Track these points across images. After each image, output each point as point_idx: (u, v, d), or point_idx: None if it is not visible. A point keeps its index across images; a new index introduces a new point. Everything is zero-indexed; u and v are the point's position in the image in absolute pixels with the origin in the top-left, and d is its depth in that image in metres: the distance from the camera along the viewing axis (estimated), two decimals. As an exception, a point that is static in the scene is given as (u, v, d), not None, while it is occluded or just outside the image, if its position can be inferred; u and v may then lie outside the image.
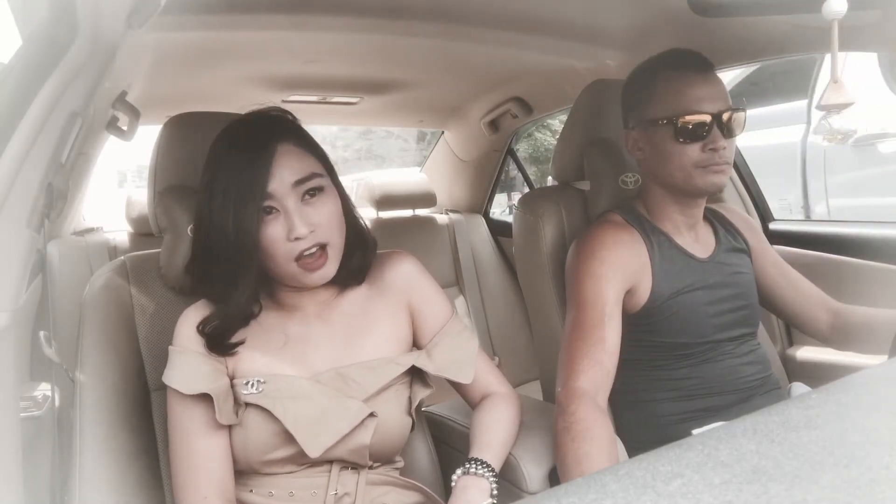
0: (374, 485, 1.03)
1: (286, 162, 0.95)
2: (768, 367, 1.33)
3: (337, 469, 0.99)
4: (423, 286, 1.12)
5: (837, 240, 1.73)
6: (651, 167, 1.29)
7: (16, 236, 0.87)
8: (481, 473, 1.01)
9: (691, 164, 1.21)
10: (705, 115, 1.19)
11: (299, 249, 0.93)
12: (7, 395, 0.89)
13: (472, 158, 2.88)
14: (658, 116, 1.23)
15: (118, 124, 1.62)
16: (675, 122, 1.20)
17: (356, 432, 0.97)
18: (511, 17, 1.58)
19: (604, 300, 1.19)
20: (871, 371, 0.51)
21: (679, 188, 1.25)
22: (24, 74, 0.84)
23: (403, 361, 1.05)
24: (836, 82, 0.95)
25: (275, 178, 0.93)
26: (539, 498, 0.36)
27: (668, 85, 1.23)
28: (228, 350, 0.99)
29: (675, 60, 1.25)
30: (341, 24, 1.53)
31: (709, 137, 1.19)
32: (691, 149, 1.20)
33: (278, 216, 0.94)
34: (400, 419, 1.04)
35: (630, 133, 1.31)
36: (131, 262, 1.17)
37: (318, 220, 0.95)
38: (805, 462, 0.34)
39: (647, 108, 1.26)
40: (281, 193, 0.93)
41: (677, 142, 1.20)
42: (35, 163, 0.86)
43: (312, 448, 0.93)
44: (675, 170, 1.22)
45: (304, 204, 0.95)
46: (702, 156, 1.20)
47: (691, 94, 1.20)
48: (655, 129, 1.24)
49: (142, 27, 0.96)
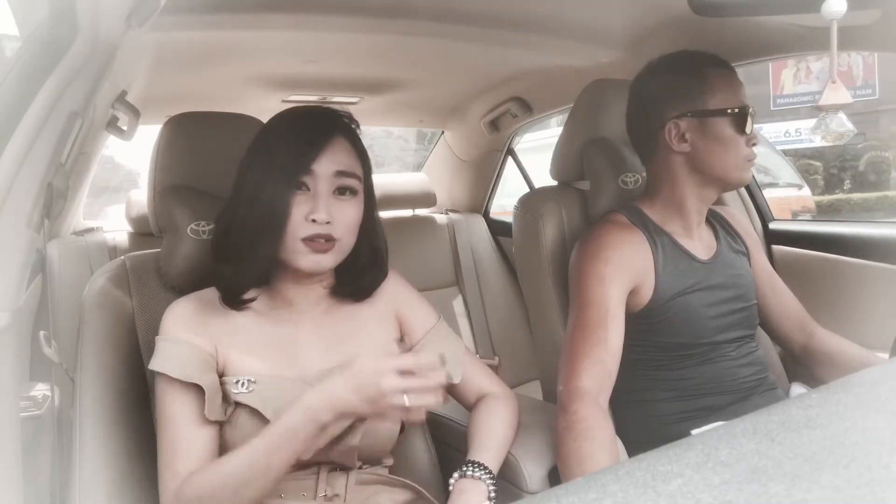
0: (365, 484, 1.03)
1: (336, 151, 1.00)
2: (765, 369, 1.34)
3: (325, 471, 0.99)
4: (408, 296, 1.16)
5: (837, 240, 1.73)
6: (700, 158, 1.25)
7: (16, 236, 0.87)
8: (478, 476, 1.01)
9: (743, 156, 1.24)
10: (751, 109, 1.24)
11: (312, 232, 0.96)
12: (7, 394, 0.89)
13: (472, 158, 2.88)
14: (720, 107, 1.23)
15: (118, 124, 1.62)
16: (741, 113, 1.23)
17: (345, 434, 0.97)
18: (511, 17, 1.58)
19: (607, 300, 1.19)
20: (871, 371, 0.51)
21: (724, 181, 1.27)
22: (24, 74, 0.85)
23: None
24: (834, 83, 0.95)
25: (321, 161, 0.98)
26: (539, 498, 0.36)
27: (722, 79, 1.26)
28: (241, 305, 1.02)
29: (714, 58, 1.28)
30: (341, 24, 1.53)
31: (751, 132, 1.24)
32: (743, 141, 1.24)
33: (307, 195, 0.98)
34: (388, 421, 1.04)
35: (676, 123, 1.26)
36: (131, 262, 1.17)
37: (340, 217, 0.99)
38: (805, 462, 0.34)
39: (702, 98, 1.24)
40: (319, 175, 0.98)
41: (738, 132, 1.23)
42: (35, 163, 0.86)
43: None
44: (731, 161, 1.24)
45: (334, 197, 0.99)
46: (748, 149, 1.25)
47: (741, 90, 1.26)
48: (716, 120, 1.23)
49: (142, 27, 0.96)
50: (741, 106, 1.23)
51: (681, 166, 1.28)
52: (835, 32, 0.92)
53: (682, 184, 1.28)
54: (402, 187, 2.75)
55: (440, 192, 2.88)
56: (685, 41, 1.38)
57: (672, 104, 1.26)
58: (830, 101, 0.96)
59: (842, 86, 0.94)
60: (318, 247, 0.97)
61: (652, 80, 1.31)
